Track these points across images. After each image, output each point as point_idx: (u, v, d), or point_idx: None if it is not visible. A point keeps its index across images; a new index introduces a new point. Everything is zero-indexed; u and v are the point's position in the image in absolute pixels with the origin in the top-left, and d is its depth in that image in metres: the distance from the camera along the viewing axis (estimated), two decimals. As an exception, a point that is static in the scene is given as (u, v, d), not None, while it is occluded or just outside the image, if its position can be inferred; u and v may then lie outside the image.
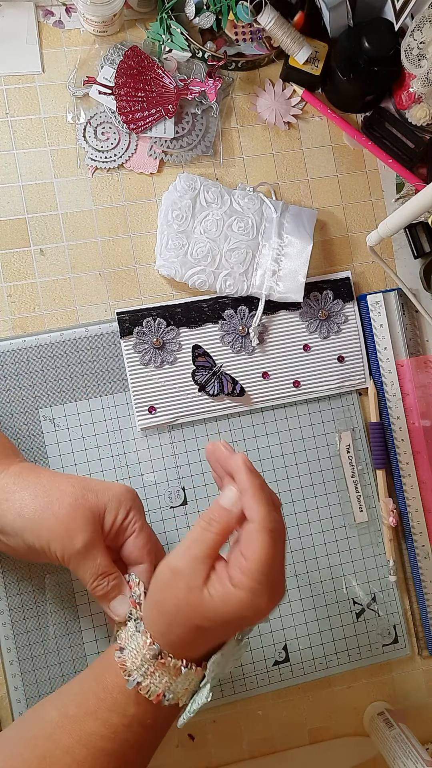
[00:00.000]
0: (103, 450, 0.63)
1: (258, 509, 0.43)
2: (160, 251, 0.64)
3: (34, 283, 0.63)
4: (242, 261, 0.64)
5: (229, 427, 0.65)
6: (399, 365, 0.67)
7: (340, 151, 0.69)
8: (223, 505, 0.45)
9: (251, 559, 0.43)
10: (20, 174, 0.64)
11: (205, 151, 0.66)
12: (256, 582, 0.43)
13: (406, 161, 0.68)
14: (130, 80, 0.64)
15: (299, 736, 0.64)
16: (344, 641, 0.65)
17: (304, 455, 0.66)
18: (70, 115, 0.64)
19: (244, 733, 0.64)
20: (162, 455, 0.64)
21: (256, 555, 0.43)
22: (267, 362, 0.66)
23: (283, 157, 0.68)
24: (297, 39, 0.64)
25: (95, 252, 0.64)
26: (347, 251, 0.69)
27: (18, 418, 0.61)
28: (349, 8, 0.64)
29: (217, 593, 0.43)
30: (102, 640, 0.61)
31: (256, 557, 0.43)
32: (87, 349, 0.63)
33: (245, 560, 0.43)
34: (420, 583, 0.66)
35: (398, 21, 0.63)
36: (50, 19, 0.65)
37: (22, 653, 0.59)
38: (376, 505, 0.66)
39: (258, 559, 0.43)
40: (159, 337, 0.63)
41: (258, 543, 0.43)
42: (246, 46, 0.66)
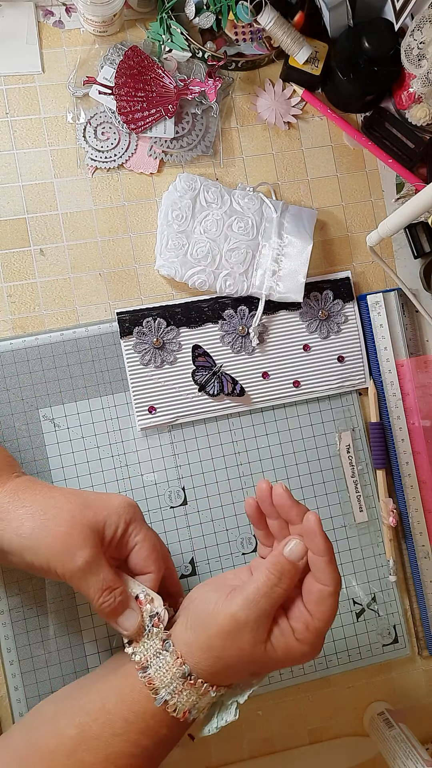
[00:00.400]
0: (103, 450, 0.63)
1: (333, 576, 0.46)
2: (160, 251, 0.64)
3: (34, 283, 0.63)
4: (242, 261, 0.64)
5: (229, 427, 0.65)
6: (399, 365, 0.67)
7: (340, 151, 0.69)
8: (293, 561, 0.47)
9: (320, 619, 0.46)
10: (20, 174, 0.64)
11: (205, 151, 0.66)
12: (319, 639, 0.46)
13: (406, 161, 0.68)
14: (130, 80, 0.64)
15: (299, 736, 0.64)
16: (344, 641, 0.65)
17: (304, 455, 0.66)
18: (70, 115, 0.64)
19: (244, 733, 0.64)
20: (162, 455, 0.64)
21: (326, 617, 0.46)
22: (267, 362, 0.66)
23: (283, 157, 0.68)
24: (297, 39, 0.64)
25: (95, 252, 0.64)
26: (347, 251, 0.69)
27: (18, 418, 0.61)
28: (349, 8, 0.64)
29: (280, 646, 0.46)
30: (102, 640, 0.61)
31: (326, 618, 0.46)
32: (87, 349, 0.63)
33: (313, 618, 0.46)
34: (420, 583, 0.66)
35: (398, 21, 0.63)
36: (50, 19, 0.65)
37: (22, 653, 0.59)
38: (376, 505, 0.66)
39: (326, 620, 0.46)
40: (159, 337, 0.63)
41: (329, 606, 0.46)
42: (246, 46, 0.66)
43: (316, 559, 0.46)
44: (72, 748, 0.46)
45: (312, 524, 0.46)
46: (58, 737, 0.47)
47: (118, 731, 0.46)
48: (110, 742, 0.46)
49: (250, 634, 0.45)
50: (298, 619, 0.47)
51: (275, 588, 0.46)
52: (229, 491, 0.64)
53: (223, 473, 0.64)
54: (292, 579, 0.46)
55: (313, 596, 0.46)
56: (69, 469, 0.62)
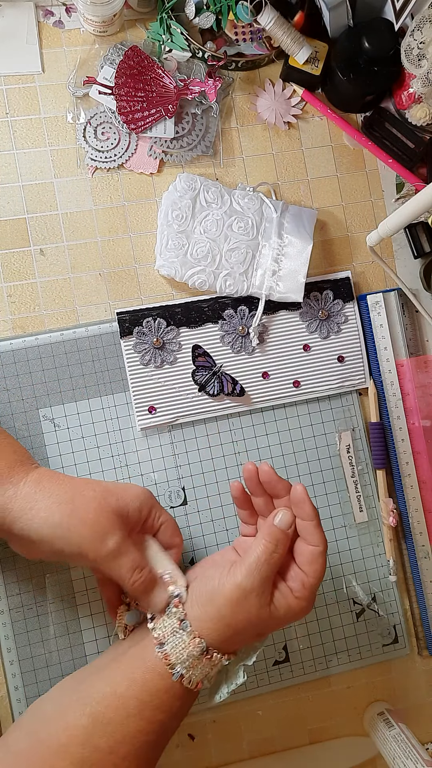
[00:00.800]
0: (103, 450, 0.63)
1: (321, 536, 0.52)
2: (160, 251, 0.64)
3: (34, 283, 0.63)
4: (242, 261, 0.64)
5: (229, 427, 0.65)
6: (399, 365, 0.67)
7: (340, 151, 0.69)
8: (283, 529, 0.51)
9: (314, 576, 0.51)
10: (20, 174, 0.64)
11: (205, 151, 0.66)
12: (313, 594, 0.52)
13: (406, 161, 0.68)
14: (130, 80, 0.64)
15: (299, 736, 0.64)
16: (344, 641, 0.65)
17: (304, 455, 0.66)
18: (70, 115, 0.64)
19: (244, 733, 0.64)
20: (162, 455, 0.64)
21: (318, 573, 0.51)
22: (267, 362, 0.66)
23: (283, 157, 0.68)
24: (297, 39, 0.64)
25: (95, 252, 0.64)
26: (347, 251, 0.69)
27: (18, 418, 0.61)
28: (349, 8, 0.64)
29: (282, 606, 0.50)
30: (102, 640, 0.61)
31: (318, 575, 0.51)
32: (87, 349, 0.63)
33: (307, 577, 0.51)
34: (420, 583, 0.66)
35: (398, 21, 0.63)
36: (50, 19, 0.65)
37: (22, 653, 0.59)
38: (376, 505, 0.66)
39: (319, 577, 0.51)
40: (159, 337, 0.64)
41: (320, 563, 0.51)
42: (246, 46, 0.66)
43: (305, 524, 0.52)
44: (85, 737, 0.48)
45: (300, 493, 0.51)
46: (68, 730, 0.48)
47: (132, 712, 0.49)
48: (126, 724, 0.48)
49: (256, 599, 0.49)
50: (294, 579, 0.52)
51: (273, 555, 0.50)
52: (229, 491, 0.64)
53: (223, 473, 0.64)
54: (286, 545, 0.51)
55: (305, 557, 0.51)
56: (69, 469, 0.62)
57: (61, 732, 0.49)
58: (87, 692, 0.50)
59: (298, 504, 0.52)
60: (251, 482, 0.55)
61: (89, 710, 0.49)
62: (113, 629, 0.61)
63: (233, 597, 0.49)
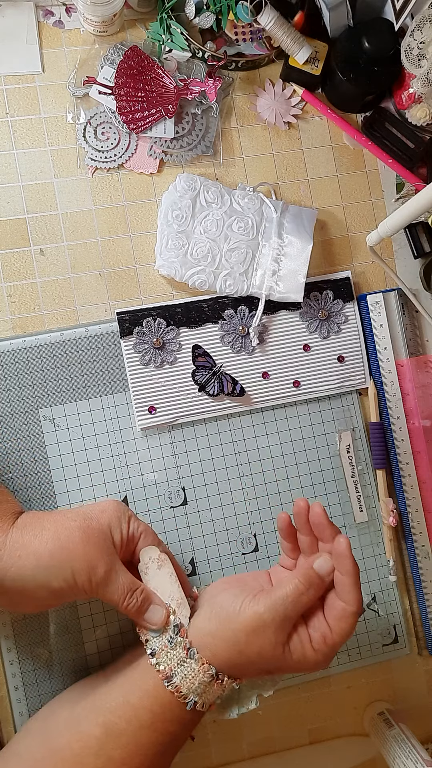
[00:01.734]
0: (103, 450, 0.63)
1: (357, 597, 0.50)
2: (160, 251, 0.64)
3: (34, 283, 0.63)
4: (242, 261, 0.64)
5: (229, 427, 0.65)
6: (399, 365, 0.67)
7: (340, 151, 0.69)
8: (321, 576, 0.51)
9: (338, 634, 0.50)
10: (20, 174, 0.64)
11: (205, 151, 0.66)
12: (332, 653, 0.50)
13: (406, 161, 0.68)
14: (130, 80, 0.64)
15: (299, 736, 0.64)
16: (344, 641, 0.65)
17: (304, 455, 0.66)
18: (70, 115, 0.64)
19: (244, 733, 0.64)
20: (162, 455, 0.64)
21: (344, 633, 0.50)
22: (267, 362, 0.66)
23: (283, 157, 0.68)
24: (297, 39, 0.64)
25: (95, 252, 0.64)
26: (347, 251, 0.69)
27: (18, 418, 0.61)
28: (349, 8, 0.64)
29: (296, 653, 0.50)
30: (102, 640, 0.61)
31: (343, 635, 0.50)
32: (87, 349, 0.63)
33: (331, 633, 0.50)
34: (420, 583, 0.66)
35: (398, 21, 0.63)
36: (50, 19, 0.65)
37: (22, 653, 0.59)
38: (376, 505, 0.66)
39: (344, 637, 0.50)
40: (159, 337, 0.64)
41: (349, 624, 0.50)
42: (246, 46, 0.66)
43: (342, 579, 0.50)
44: (98, 747, 0.48)
45: (343, 547, 0.50)
46: (82, 739, 0.49)
47: (145, 723, 0.49)
48: (139, 735, 0.49)
49: (273, 634, 0.49)
50: (317, 629, 0.50)
51: (302, 596, 0.49)
52: (229, 491, 0.64)
53: (223, 473, 0.64)
54: (318, 591, 0.51)
55: (335, 612, 0.50)
56: (69, 469, 0.62)
57: (75, 741, 0.49)
58: (100, 700, 0.51)
59: (339, 557, 0.50)
60: (299, 519, 0.54)
61: (102, 720, 0.49)
62: (113, 629, 0.61)
63: (250, 624, 0.49)
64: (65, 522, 0.51)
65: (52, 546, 0.50)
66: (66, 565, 0.49)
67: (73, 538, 0.50)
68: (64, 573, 0.49)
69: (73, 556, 0.49)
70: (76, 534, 0.50)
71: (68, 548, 0.50)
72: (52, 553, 0.49)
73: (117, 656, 0.60)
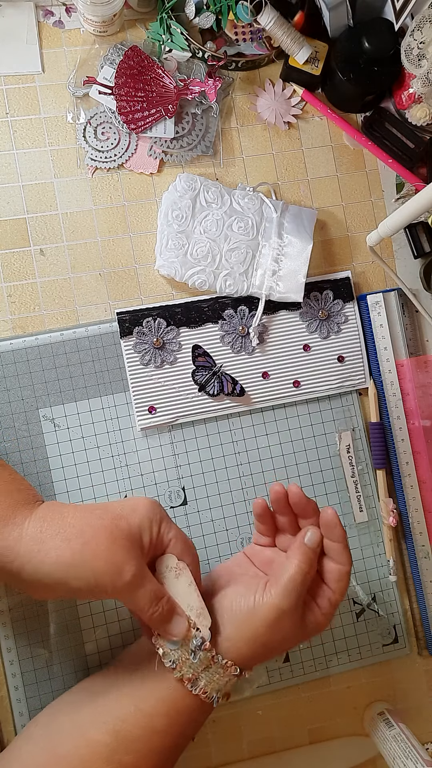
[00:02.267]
0: (103, 450, 0.63)
1: (349, 556, 0.53)
2: (160, 251, 0.64)
3: (34, 283, 0.63)
4: (242, 261, 0.64)
5: (229, 427, 0.65)
6: (399, 365, 0.67)
7: (340, 151, 0.69)
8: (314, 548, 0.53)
9: (340, 593, 0.53)
10: (20, 174, 0.64)
11: (205, 151, 0.66)
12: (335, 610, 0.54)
13: (406, 161, 0.68)
14: (130, 80, 0.64)
15: (299, 736, 0.64)
16: (344, 641, 0.65)
17: (304, 455, 0.66)
18: (70, 115, 0.64)
19: (244, 733, 0.64)
20: (162, 455, 0.64)
21: (344, 591, 0.53)
22: (267, 362, 0.66)
23: (283, 157, 0.68)
24: (297, 39, 0.64)
25: (95, 252, 0.64)
26: (347, 251, 0.69)
27: (18, 418, 0.61)
28: (349, 8, 0.64)
29: (311, 622, 0.52)
30: (102, 640, 0.61)
31: (344, 592, 0.53)
32: (87, 349, 0.63)
33: (334, 594, 0.53)
34: (420, 583, 0.66)
35: (398, 21, 0.63)
36: (50, 19, 0.65)
37: (22, 653, 0.59)
38: (376, 505, 0.66)
39: (343, 594, 0.53)
40: (159, 337, 0.64)
41: (346, 582, 0.53)
42: (246, 46, 0.66)
43: (334, 545, 0.53)
44: (109, 753, 0.48)
45: (331, 517, 0.53)
46: (90, 746, 0.48)
47: (159, 729, 0.49)
48: (152, 740, 0.49)
49: (291, 618, 0.50)
50: (322, 596, 0.53)
51: (306, 575, 0.51)
52: (229, 491, 0.64)
53: (223, 473, 0.64)
54: (316, 563, 0.53)
55: (334, 575, 0.53)
56: (69, 469, 0.62)
57: (83, 748, 0.48)
58: (108, 708, 0.50)
59: (329, 527, 0.53)
60: (279, 503, 0.55)
61: (112, 727, 0.48)
62: (113, 629, 0.61)
63: (271, 618, 0.50)
64: (91, 519, 0.48)
65: (75, 544, 0.47)
66: (88, 566, 0.46)
67: (99, 537, 0.47)
68: (85, 573, 0.46)
69: (96, 557, 0.47)
70: (102, 534, 0.47)
71: (92, 548, 0.47)
72: (74, 551, 0.46)
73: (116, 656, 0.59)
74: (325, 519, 0.53)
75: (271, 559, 0.57)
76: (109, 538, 0.47)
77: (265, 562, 0.57)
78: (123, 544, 0.48)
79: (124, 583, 0.47)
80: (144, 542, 0.50)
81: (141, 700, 0.50)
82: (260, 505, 0.56)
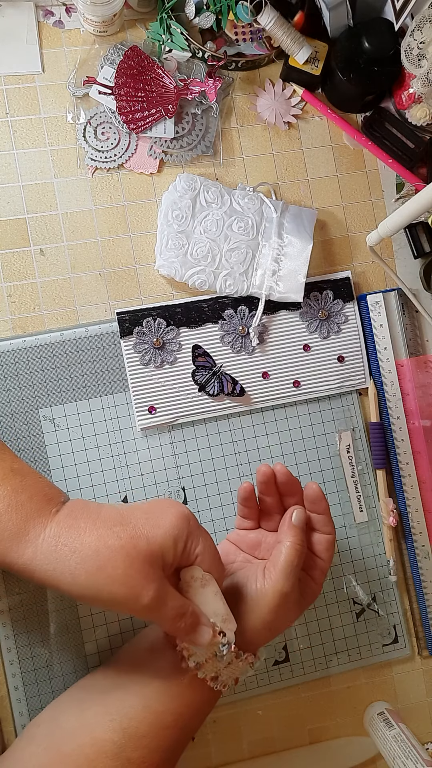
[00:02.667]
0: (103, 450, 0.63)
1: (333, 525, 0.56)
2: (160, 251, 0.64)
3: (34, 283, 0.63)
4: (242, 261, 0.64)
5: (229, 427, 0.65)
6: (399, 365, 0.67)
7: (340, 151, 0.69)
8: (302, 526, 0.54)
9: (329, 560, 0.55)
10: (20, 174, 0.64)
11: (205, 151, 0.66)
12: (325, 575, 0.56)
13: (406, 161, 0.68)
14: (130, 80, 0.64)
15: (299, 736, 0.64)
16: (344, 641, 0.65)
17: (304, 455, 0.66)
18: (70, 115, 0.64)
19: (244, 733, 0.64)
20: (162, 455, 0.64)
21: (331, 557, 0.56)
22: (267, 362, 0.66)
23: (283, 157, 0.68)
24: (297, 39, 0.64)
25: (95, 252, 0.64)
26: (347, 251, 0.69)
27: (18, 418, 0.61)
28: (349, 8, 0.64)
29: (307, 595, 0.54)
30: (102, 640, 0.61)
31: (331, 559, 0.56)
32: (87, 349, 0.63)
33: (324, 562, 0.55)
34: (420, 583, 0.66)
35: (398, 21, 0.63)
36: (50, 19, 0.65)
37: (22, 653, 0.59)
38: (376, 505, 0.66)
39: (331, 560, 0.56)
40: (159, 337, 0.63)
41: (333, 548, 0.56)
42: (246, 46, 0.66)
43: (319, 517, 0.55)
44: (116, 751, 0.47)
45: (316, 491, 0.55)
46: (96, 744, 0.48)
47: (169, 724, 0.49)
48: (161, 735, 0.49)
49: (292, 600, 0.52)
50: (314, 568, 0.55)
51: (300, 553, 0.52)
52: (229, 491, 0.64)
53: (223, 473, 0.64)
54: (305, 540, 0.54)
55: (322, 545, 0.55)
56: (69, 469, 0.62)
57: (88, 746, 0.48)
58: (114, 707, 0.49)
59: (314, 501, 0.55)
60: (266, 485, 0.56)
61: (118, 725, 0.48)
62: (113, 629, 0.61)
63: (275, 603, 0.51)
64: (108, 539, 0.45)
65: (90, 566, 0.44)
66: (104, 589, 0.45)
67: (116, 560, 0.45)
68: (101, 596, 0.45)
69: (113, 582, 0.44)
70: (118, 556, 0.45)
71: (108, 573, 0.44)
72: (89, 575, 0.44)
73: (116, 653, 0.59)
74: (310, 494, 0.55)
75: (258, 541, 0.58)
76: (126, 561, 0.45)
77: (251, 545, 0.58)
78: (140, 568, 0.45)
79: (142, 607, 0.45)
80: (166, 561, 0.47)
81: (150, 699, 0.49)
82: (247, 490, 0.57)
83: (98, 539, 0.45)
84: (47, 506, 0.47)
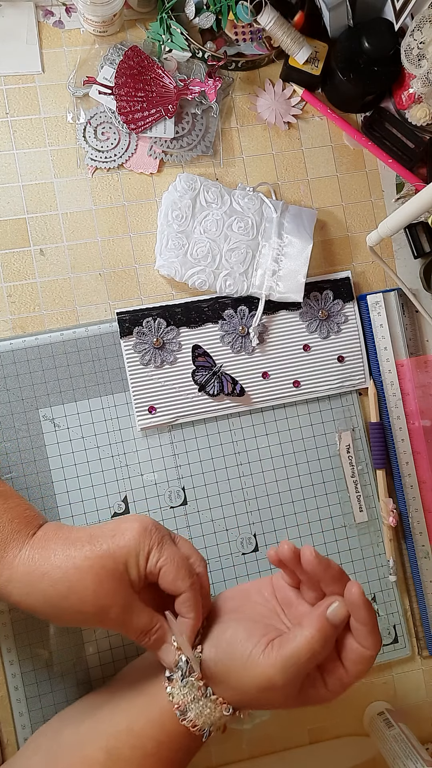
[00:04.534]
0: (103, 450, 0.63)
1: (376, 641, 0.46)
2: (160, 251, 0.64)
3: (34, 283, 0.63)
4: (242, 261, 0.64)
5: (229, 427, 0.65)
6: (399, 365, 0.67)
7: (340, 151, 0.69)
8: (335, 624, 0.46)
9: (355, 676, 0.47)
10: (20, 174, 0.64)
11: (205, 151, 0.66)
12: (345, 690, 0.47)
13: (406, 161, 0.68)
14: (130, 80, 0.64)
15: (299, 736, 0.64)
16: (344, 641, 0.65)
17: (304, 455, 0.66)
18: (70, 115, 0.64)
19: (244, 733, 0.64)
20: (162, 455, 0.64)
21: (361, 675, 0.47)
22: (267, 362, 0.66)
23: (283, 157, 0.68)
24: (297, 39, 0.64)
25: (95, 252, 0.64)
26: (347, 251, 0.69)
27: (18, 418, 0.61)
28: (349, 8, 0.64)
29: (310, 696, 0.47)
30: (102, 640, 0.61)
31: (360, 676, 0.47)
32: (87, 349, 0.63)
33: (348, 675, 0.47)
34: (420, 583, 0.66)
35: (398, 21, 0.63)
36: (50, 19, 0.65)
37: (22, 653, 0.59)
38: (376, 505, 0.66)
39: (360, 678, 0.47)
40: (159, 337, 0.64)
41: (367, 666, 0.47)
42: (246, 46, 0.66)
43: (359, 626, 0.46)
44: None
45: (356, 597, 0.45)
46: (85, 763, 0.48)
47: (150, 752, 0.47)
48: (143, 763, 0.47)
49: (284, 692, 0.46)
50: (332, 674, 0.47)
51: (316, 654, 0.45)
52: (229, 491, 0.64)
53: (223, 473, 0.64)
54: (333, 642, 0.47)
55: (353, 655, 0.47)
56: (69, 469, 0.62)
57: (78, 764, 0.48)
58: (103, 724, 0.50)
59: (353, 607, 0.46)
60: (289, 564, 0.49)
61: (105, 744, 0.48)
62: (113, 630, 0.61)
63: (262, 685, 0.45)
64: (77, 560, 0.47)
65: (61, 588, 0.47)
66: (76, 609, 0.47)
67: (85, 581, 0.47)
68: (73, 615, 0.48)
69: (82, 601, 0.47)
70: (88, 576, 0.47)
71: (78, 593, 0.47)
72: (60, 595, 0.47)
73: (120, 668, 0.59)
74: (349, 598, 0.46)
75: (291, 602, 0.51)
76: (95, 581, 0.47)
77: (285, 601, 0.52)
78: (108, 585, 0.47)
79: (110, 621, 0.48)
80: (131, 575, 0.48)
81: (133, 720, 0.49)
82: (272, 557, 0.50)
83: (67, 561, 0.47)
84: (25, 529, 0.49)
